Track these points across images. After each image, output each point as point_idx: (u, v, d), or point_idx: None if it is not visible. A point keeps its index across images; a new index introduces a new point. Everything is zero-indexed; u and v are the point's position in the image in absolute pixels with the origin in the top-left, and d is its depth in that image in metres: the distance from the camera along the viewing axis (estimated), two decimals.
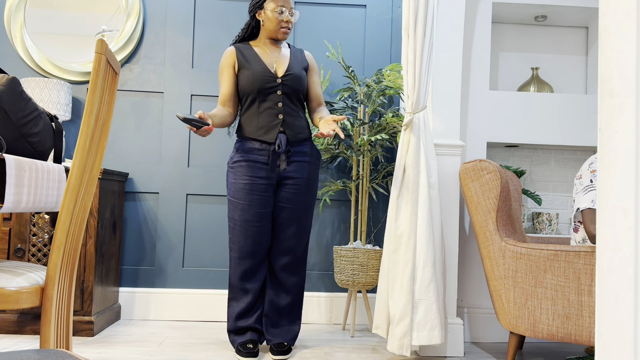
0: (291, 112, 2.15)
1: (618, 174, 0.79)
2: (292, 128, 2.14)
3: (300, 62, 2.23)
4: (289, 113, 2.14)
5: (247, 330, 2.17)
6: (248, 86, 2.12)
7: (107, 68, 1.38)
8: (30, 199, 1.26)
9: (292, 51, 2.25)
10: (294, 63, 2.19)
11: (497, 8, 2.72)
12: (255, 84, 2.10)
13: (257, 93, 2.11)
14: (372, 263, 2.48)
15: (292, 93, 2.15)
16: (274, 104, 2.13)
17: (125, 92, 2.83)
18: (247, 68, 2.14)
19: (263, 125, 2.12)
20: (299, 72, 2.17)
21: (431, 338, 2.04)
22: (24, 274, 1.28)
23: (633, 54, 0.77)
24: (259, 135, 2.11)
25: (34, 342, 2.23)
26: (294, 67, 2.18)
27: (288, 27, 2.16)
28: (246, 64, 2.15)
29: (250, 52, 2.18)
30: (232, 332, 2.19)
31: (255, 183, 2.10)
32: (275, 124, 2.12)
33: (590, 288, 1.84)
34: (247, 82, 2.12)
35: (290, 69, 2.16)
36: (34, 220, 2.34)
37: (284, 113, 2.13)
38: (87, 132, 1.32)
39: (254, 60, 2.15)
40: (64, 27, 2.79)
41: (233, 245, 2.15)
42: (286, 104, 2.14)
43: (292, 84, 2.14)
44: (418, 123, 2.14)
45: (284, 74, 2.14)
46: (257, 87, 2.10)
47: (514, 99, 2.64)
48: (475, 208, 2.10)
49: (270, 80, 2.12)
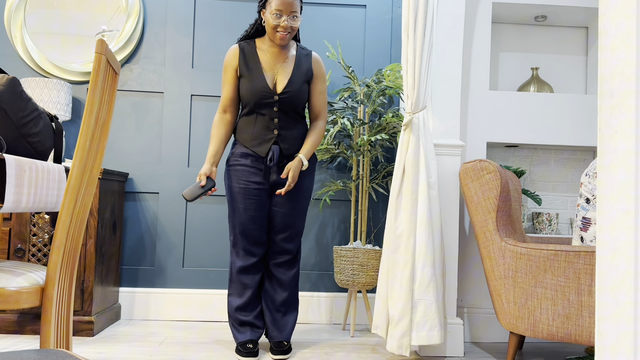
0: (288, 125, 2.14)
1: (618, 174, 0.79)
2: (286, 142, 2.14)
3: (304, 72, 2.15)
4: (285, 127, 2.13)
5: (246, 325, 2.18)
6: (246, 97, 2.12)
7: (107, 68, 1.38)
8: (30, 199, 1.26)
9: (297, 58, 2.16)
10: (296, 76, 2.12)
11: (497, 8, 2.72)
12: (253, 97, 2.09)
13: (254, 105, 2.11)
14: (372, 263, 2.48)
15: (289, 109, 2.13)
16: (270, 119, 2.12)
17: (125, 92, 2.83)
18: (246, 78, 2.11)
19: (257, 137, 2.12)
20: (299, 88, 2.12)
21: (430, 338, 2.04)
22: (24, 274, 1.28)
23: (633, 54, 0.77)
24: (252, 145, 2.12)
25: (34, 342, 2.23)
26: (295, 81, 2.12)
27: (285, 32, 2.04)
28: (247, 73, 2.11)
29: (253, 56, 2.13)
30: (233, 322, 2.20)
31: (250, 187, 2.12)
32: (269, 138, 2.11)
33: (590, 288, 1.84)
34: (246, 94, 2.11)
35: (290, 85, 2.10)
36: (34, 220, 2.34)
37: (279, 128, 2.12)
38: (87, 132, 1.32)
39: (254, 70, 2.11)
40: (64, 27, 2.79)
41: (233, 241, 2.20)
42: (282, 119, 2.13)
43: (290, 101, 2.11)
44: (418, 123, 2.14)
45: (282, 90, 2.10)
46: (254, 100, 2.09)
47: (514, 99, 2.64)
48: (475, 208, 2.10)
49: (268, 97, 2.09)
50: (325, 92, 2.22)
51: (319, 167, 2.85)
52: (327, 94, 2.53)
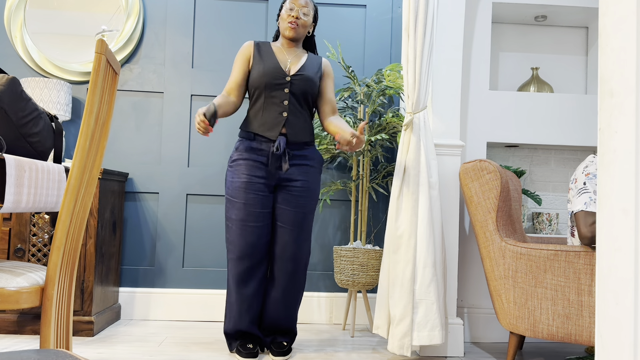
0: (296, 112, 2.14)
1: (618, 174, 0.79)
2: (293, 128, 2.12)
3: (316, 67, 2.22)
4: (293, 113, 2.13)
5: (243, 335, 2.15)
6: (257, 79, 2.13)
7: (107, 68, 1.38)
8: (30, 199, 1.26)
9: (309, 57, 2.24)
10: (309, 66, 2.20)
11: (497, 8, 2.72)
12: (265, 78, 2.11)
13: (265, 87, 2.11)
14: (372, 263, 2.48)
15: (300, 94, 2.14)
16: (280, 101, 2.12)
17: (125, 92, 2.83)
18: (259, 63, 2.16)
19: (266, 121, 2.11)
20: (312, 75, 2.17)
21: (432, 338, 2.04)
22: (24, 274, 1.28)
23: (633, 54, 0.77)
24: (261, 130, 2.10)
25: (34, 342, 2.23)
26: (308, 69, 2.18)
27: (295, 22, 2.15)
28: (260, 59, 2.17)
29: (268, 49, 2.21)
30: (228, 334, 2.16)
31: (252, 182, 2.07)
32: (279, 122, 2.11)
33: (590, 288, 1.84)
34: (257, 76, 2.13)
35: (303, 70, 2.17)
36: (34, 220, 2.34)
37: (288, 111, 2.12)
38: (87, 132, 1.32)
39: (268, 56, 2.18)
40: (64, 27, 2.79)
41: (230, 245, 2.11)
42: (292, 103, 2.13)
43: (302, 84, 2.13)
44: (418, 123, 2.14)
45: (295, 72, 2.15)
46: (265, 80, 2.11)
47: (514, 99, 2.64)
48: (475, 208, 2.10)
49: (280, 77, 2.12)
50: (334, 90, 2.28)
51: None
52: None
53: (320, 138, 2.60)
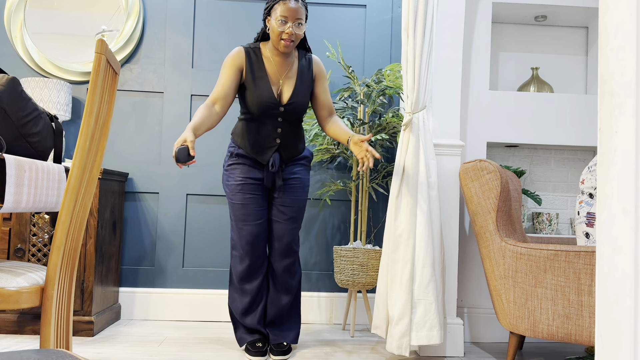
0: (289, 134, 2.16)
1: (618, 174, 0.79)
2: (287, 150, 2.16)
3: (307, 81, 2.15)
4: (286, 136, 2.15)
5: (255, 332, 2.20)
6: (251, 107, 2.10)
7: (107, 68, 1.38)
8: (30, 199, 1.26)
9: (299, 66, 2.15)
10: (299, 86, 2.12)
11: (497, 8, 2.72)
12: (258, 108, 2.08)
13: (259, 115, 2.11)
14: (372, 263, 2.48)
15: (292, 119, 2.15)
16: (273, 128, 2.12)
17: (125, 92, 2.83)
18: (253, 88, 2.08)
19: (259, 145, 2.13)
20: (303, 99, 2.13)
21: (430, 338, 2.04)
22: (24, 274, 1.28)
23: (633, 54, 0.77)
24: (253, 154, 2.13)
25: (34, 342, 2.23)
26: (299, 92, 2.12)
27: (290, 40, 2.01)
28: (252, 83, 2.08)
29: (259, 64, 2.10)
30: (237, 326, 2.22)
31: (247, 183, 2.12)
32: (271, 146, 2.13)
33: (590, 288, 1.84)
34: (251, 104, 2.09)
35: (295, 96, 2.11)
36: (34, 220, 2.34)
37: (281, 137, 2.14)
38: (87, 132, 1.32)
39: (261, 80, 2.08)
40: (64, 27, 2.79)
41: (232, 243, 2.20)
42: (285, 127, 2.14)
43: (294, 111, 2.13)
44: (418, 123, 2.14)
45: (287, 101, 2.10)
46: (259, 110, 2.09)
47: (514, 99, 2.64)
48: (475, 208, 2.10)
49: (273, 107, 2.09)
50: (328, 89, 2.24)
51: (319, 167, 2.85)
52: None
53: (320, 138, 2.60)
